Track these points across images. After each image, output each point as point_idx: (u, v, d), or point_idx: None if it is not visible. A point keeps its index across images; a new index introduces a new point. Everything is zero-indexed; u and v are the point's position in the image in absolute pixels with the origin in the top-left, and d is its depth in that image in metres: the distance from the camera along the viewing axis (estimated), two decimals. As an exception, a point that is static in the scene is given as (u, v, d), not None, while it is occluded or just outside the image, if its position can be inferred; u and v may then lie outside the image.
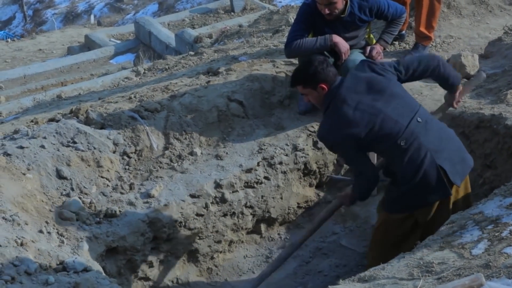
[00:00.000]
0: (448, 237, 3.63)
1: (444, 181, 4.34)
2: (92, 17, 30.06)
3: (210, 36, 13.66)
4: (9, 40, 22.32)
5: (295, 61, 6.19)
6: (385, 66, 4.58)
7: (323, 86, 4.46)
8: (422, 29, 6.69)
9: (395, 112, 4.35)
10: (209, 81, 6.28)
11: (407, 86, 6.22)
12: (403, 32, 7.07)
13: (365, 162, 4.52)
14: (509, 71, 6.07)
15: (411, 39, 7.02)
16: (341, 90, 4.42)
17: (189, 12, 19.04)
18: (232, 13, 17.29)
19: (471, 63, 6.28)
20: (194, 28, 16.32)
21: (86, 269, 4.19)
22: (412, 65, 4.63)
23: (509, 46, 6.45)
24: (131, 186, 5.31)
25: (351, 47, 5.71)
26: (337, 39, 5.60)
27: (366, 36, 5.99)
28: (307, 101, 4.67)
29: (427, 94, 6.08)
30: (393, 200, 4.61)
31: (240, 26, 12.59)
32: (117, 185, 5.30)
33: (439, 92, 6.10)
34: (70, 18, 33.62)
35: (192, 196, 5.34)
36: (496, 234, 3.38)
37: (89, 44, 18.37)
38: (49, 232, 4.55)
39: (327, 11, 5.51)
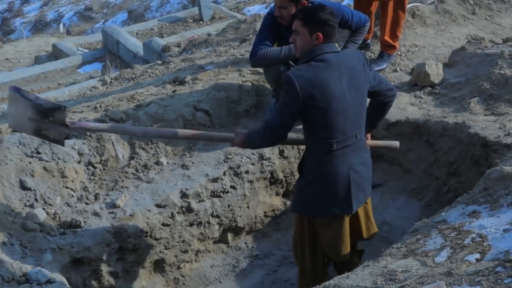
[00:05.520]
0: (412, 245, 3.66)
1: (350, 199, 4.30)
2: (61, 26, 29.75)
3: (178, 45, 13.62)
4: (-25, 49, 22.00)
5: (261, 70, 6.19)
6: (374, 72, 4.45)
7: (320, 35, 4.13)
8: (387, 38, 6.75)
9: (351, 115, 4.18)
10: (175, 91, 6.26)
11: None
12: (368, 41, 7.12)
13: (288, 120, 4.19)
14: (472, 80, 6.14)
15: (376, 48, 7.08)
16: (330, 57, 4.13)
17: (158, 21, 18.88)
18: (201, 22, 17.22)
19: (435, 71, 6.34)
20: (162, 37, 16.24)
21: (49, 281, 4.16)
22: (383, 82, 4.46)
23: (472, 55, 6.53)
24: (96, 197, 5.27)
25: (317, 56, 5.71)
26: (302, 48, 5.60)
27: (331, 45, 6.00)
28: (293, 41, 4.28)
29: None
30: (303, 199, 4.48)
31: (209, 35, 12.58)
32: (82, 195, 5.26)
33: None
34: (39, 27, 33.29)
35: (158, 206, 5.32)
36: (459, 241, 3.43)
37: (56, 53, 18.18)
38: (12, 244, 4.50)
39: (279, 14, 5.47)
